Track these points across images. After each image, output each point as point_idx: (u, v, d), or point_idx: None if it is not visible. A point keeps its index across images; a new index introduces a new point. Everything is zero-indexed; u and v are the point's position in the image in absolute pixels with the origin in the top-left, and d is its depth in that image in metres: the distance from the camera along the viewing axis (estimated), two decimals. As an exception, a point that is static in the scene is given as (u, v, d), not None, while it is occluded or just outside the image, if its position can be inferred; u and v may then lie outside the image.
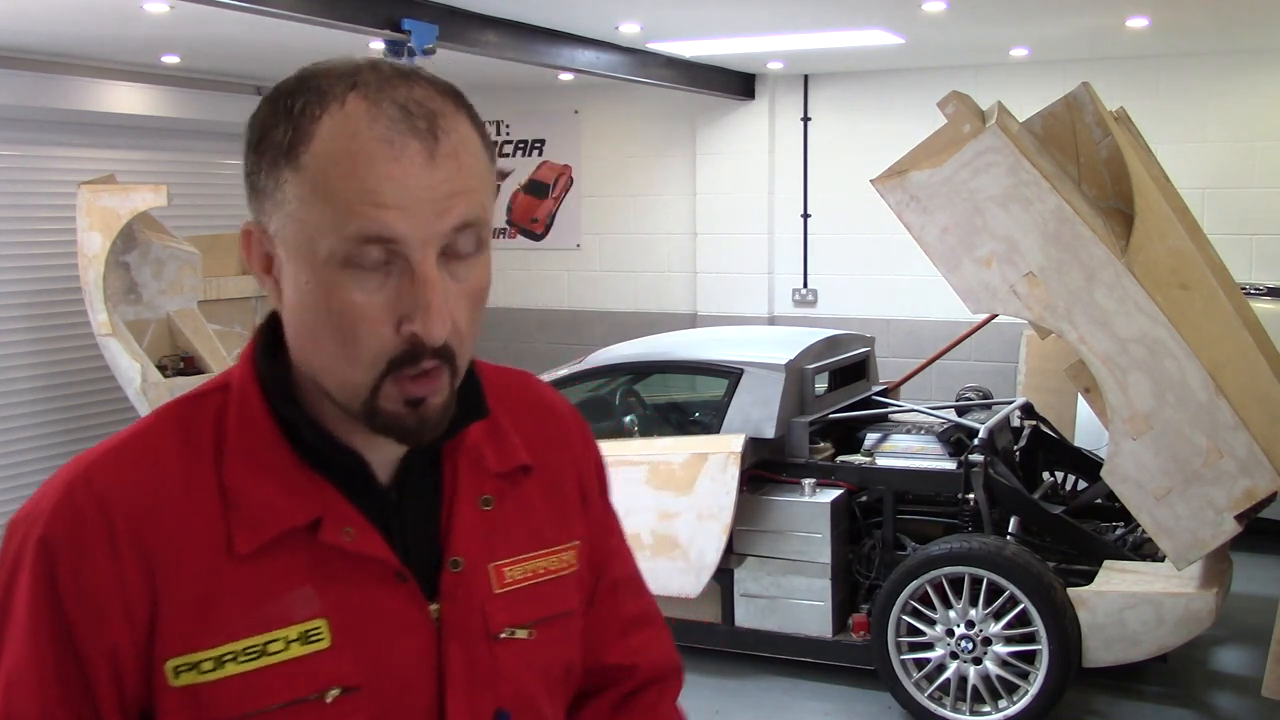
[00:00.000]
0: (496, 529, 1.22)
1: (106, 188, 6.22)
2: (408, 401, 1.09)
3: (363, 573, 1.13)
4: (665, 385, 6.03)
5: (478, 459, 1.22)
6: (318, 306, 1.07)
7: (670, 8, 5.92)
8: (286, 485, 1.12)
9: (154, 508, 1.09)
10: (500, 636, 1.20)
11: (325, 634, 1.11)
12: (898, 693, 4.69)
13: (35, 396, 7.02)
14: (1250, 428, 4.13)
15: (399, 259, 1.05)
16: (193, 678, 1.08)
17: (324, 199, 1.04)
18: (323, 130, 1.05)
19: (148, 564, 1.08)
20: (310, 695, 1.10)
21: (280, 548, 1.11)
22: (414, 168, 1.04)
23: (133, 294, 6.48)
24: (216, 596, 1.09)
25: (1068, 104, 4.76)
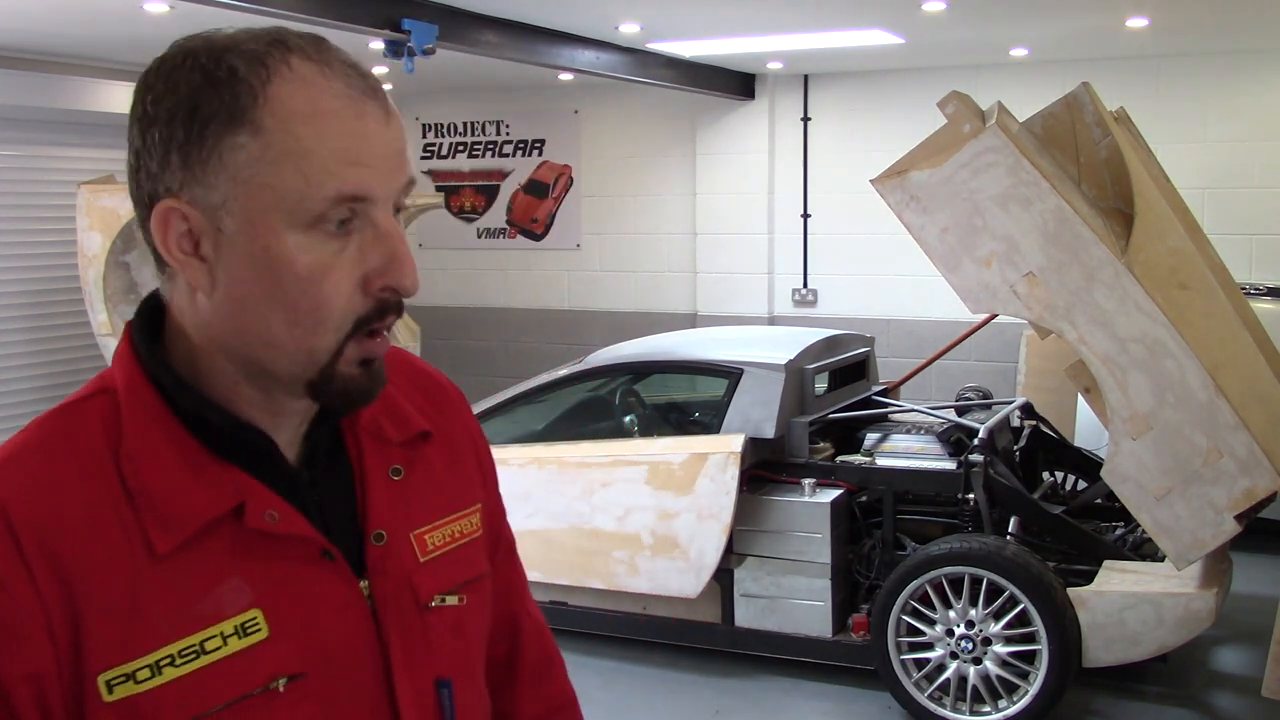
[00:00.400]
0: (410, 498, 1.21)
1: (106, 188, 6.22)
2: (362, 362, 1.09)
3: (290, 556, 1.10)
4: (665, 385, 6.03)
5: (377, 431, 1.21)
6: (279, 274, 1.04)
7: (670, 8, 5.92)
8: (199, 476, 1.07)
9: (60, 518, 1.02)
10: (431, 605, 1.19)
11: (262, 624, 1.07)
12: (898, 693, 4.69)
13: (35, 396, 7.02)
14: (1250, 428, 4.13)
15: (359, 218, 1.05)
16: (129, 689, 1.02)
17: (295, 159, 1.02)
18: (278, 92, 1.02)
19: (63, 577, 1.01)
20: (257, 689, 1.06)
21: (201, 542, 1.06)
22: (375, 126, 1.05)
23: (133, 294, 6.48)
24: (142, 601, 1.03)
25: (1068, 104, 4.76)
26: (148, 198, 1.06)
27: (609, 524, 5.06)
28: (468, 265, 9.78)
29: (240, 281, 1.05)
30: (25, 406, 6.95)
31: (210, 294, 1.07)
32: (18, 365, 6.91)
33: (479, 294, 9.77)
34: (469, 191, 9.75)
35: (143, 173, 1.06)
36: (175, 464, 1.07)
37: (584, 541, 5.08)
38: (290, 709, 1.08)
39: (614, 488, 5.06)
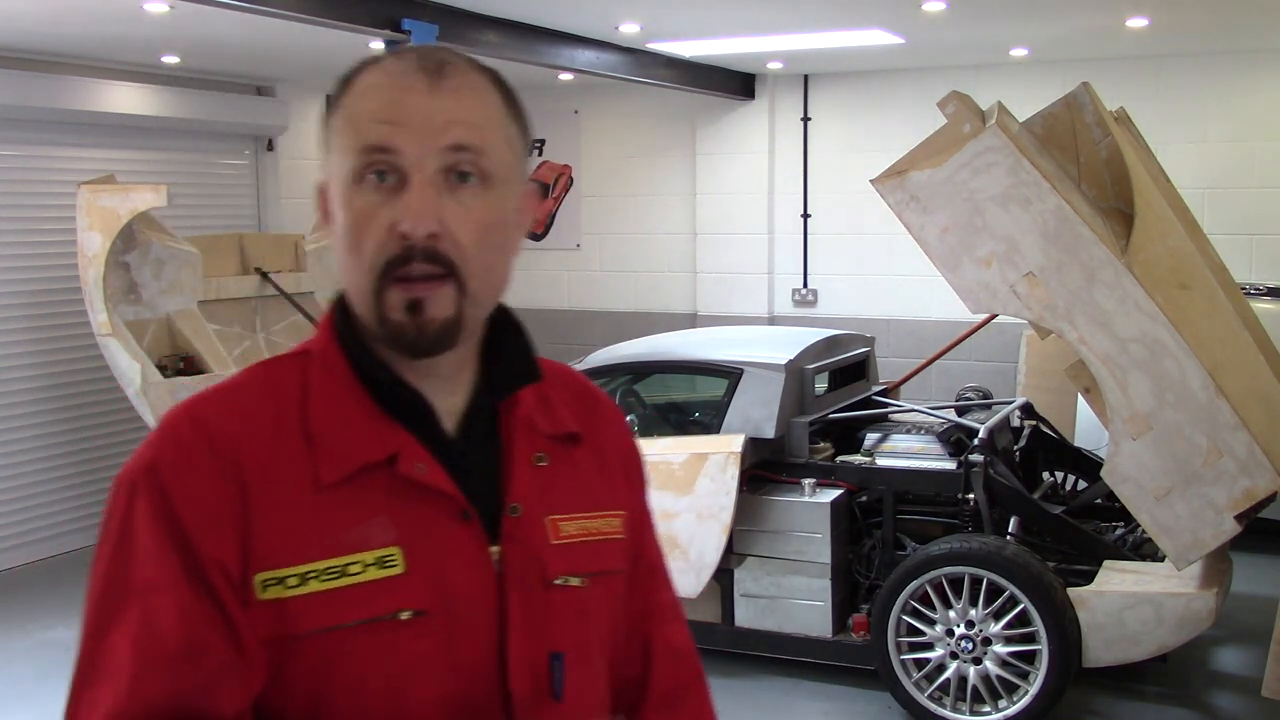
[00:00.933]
0: (551, 485, 1.33)
1: (106, 188, 6.22)
2: (408, 306, 1.21)
3: (433, 508, 1.24)
4: (665, 385, 6.03)
5: (530, 422, 1.34)
6: (343, 223, 1.23)
7: (670, 8, 5.92)
8: (366, 426, 1.25)
9: (249, 440, 1.22)
10: (555, 583, 1.30)
11: (399, 560, 1.21)
12: (898, 693, 4.69)
13: (35, 396, 7.02)
14: (1250, 428, 4.13)
15: (404, 178, 1.21)
16: (278, 591, 1.18)
17: (348, 124, 1.23)
18: (360, 80, 1.25)
19: (242, 487, 1.19)
20: (385, 615, 1.20)
21: (359, 481, 1.22)
22: (415, 95, 1.22)
23: (133, 294, 6.47)
24: (302, 521, 1.20)
25: (1068, 104, 4.76)
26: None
27: (609, 524, 5.06)
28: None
29: (337, 234, 1.26)
30: (25, 406, 6.95)
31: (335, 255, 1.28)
32: (18, 365, 6.91)
33: (479, 294, 9.75)
34: (469, 191, 9.74)
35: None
36: (348, 413, 1.25)
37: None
38: (412, 640, 1.21)
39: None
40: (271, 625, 1.18)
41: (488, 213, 1.24)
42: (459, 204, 1.22)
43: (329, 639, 1.19)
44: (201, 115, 7.68)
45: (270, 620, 1.18)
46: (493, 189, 1.24)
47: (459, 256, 1.22)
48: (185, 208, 7.31)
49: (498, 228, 1.26)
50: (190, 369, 6.42)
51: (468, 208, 1.22)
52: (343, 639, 1.19)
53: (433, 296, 1.21)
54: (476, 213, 1.23)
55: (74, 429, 7.17)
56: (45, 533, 7.03)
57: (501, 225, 1.26)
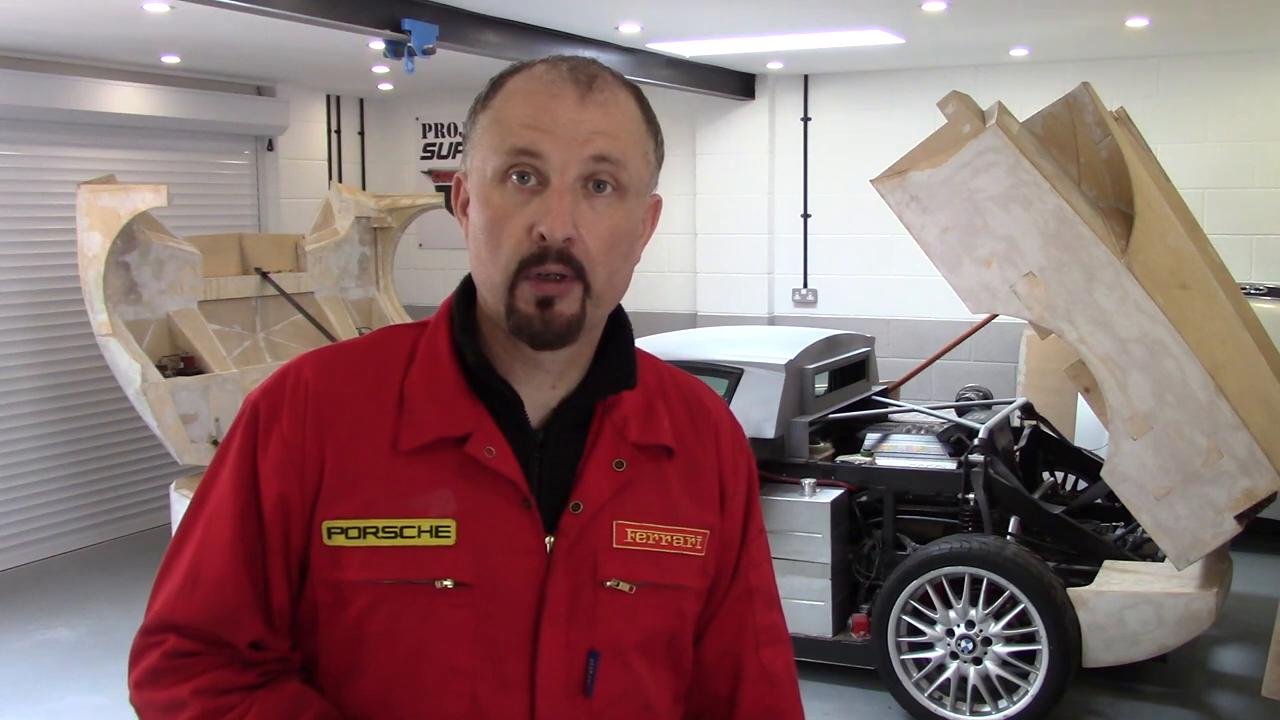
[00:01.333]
0: (626, 491, 1.37)
1: (106, 188, 6.21)
2: (538, 302, 1.29)
3: (496, 490, 1.31)
4: (665, 385, 6.02)
5: (622, 428, 1.38)
6: (482, 219, 1.31)
7: (670, 8, 5.92)
8: (449, 402, 1.33)
9: (341, 399, 1.33)
10: (606, 584, 1.34)
11: (453, 533, 1.29)
12: (898, 693, 4.69)
13: (35, 396, 7.01)
14: (1250, 428, 4.13)
15: (545, 182, 1.28)
16: (340, 540, 1.30)
17: (496, 125, 1.30)
18: (510, 83, 1.33)
19: (323, 441, 1.31)
20: (425, 580, 1.29)
21: (434, 452, 1.31)
22: (565, 104, 1.29)
23: (133, 294, 6.47)
24: (372, 480, 1.30)
25: (1068, 104, 4.76)
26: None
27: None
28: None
29: (475, 228, 1.33)
30: (25, 406, 6.95)
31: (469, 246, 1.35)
32: (18, 365, 6.90)
33: (479, 294, 9.76)
34: (469, 191, 9.74)
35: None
36: (440, 388, 1.34)
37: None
38: (448, 608, 1.29)
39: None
40: (329, 569, 1.30)
41: (619, 222, 1.32)
42: (593, 211, 1.30)
43: (371, 591, 1.29)
44: (201, 115, 7.68)
45: (329, 564, 1.30)
46: (625, 200, 1.32)
47: (588, 260, 1.29)
48: (185, 208, 7.31)
49: (625, 236, 1.34)
50: (190, 369, 6.42)
51: (601, 215, 1.30)
52: (383, 594, 1.29)
53: (561, 295, 1.29)
54: (608, 221, 1.31)
55: (74, 429, 7.16)
56: (45, 533, 7.03)
57: (629, 234, 1.35)
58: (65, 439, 7.13)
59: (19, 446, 6.93)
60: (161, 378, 6.11)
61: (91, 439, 7.22)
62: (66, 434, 7.13)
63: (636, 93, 1.36)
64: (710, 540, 1.43)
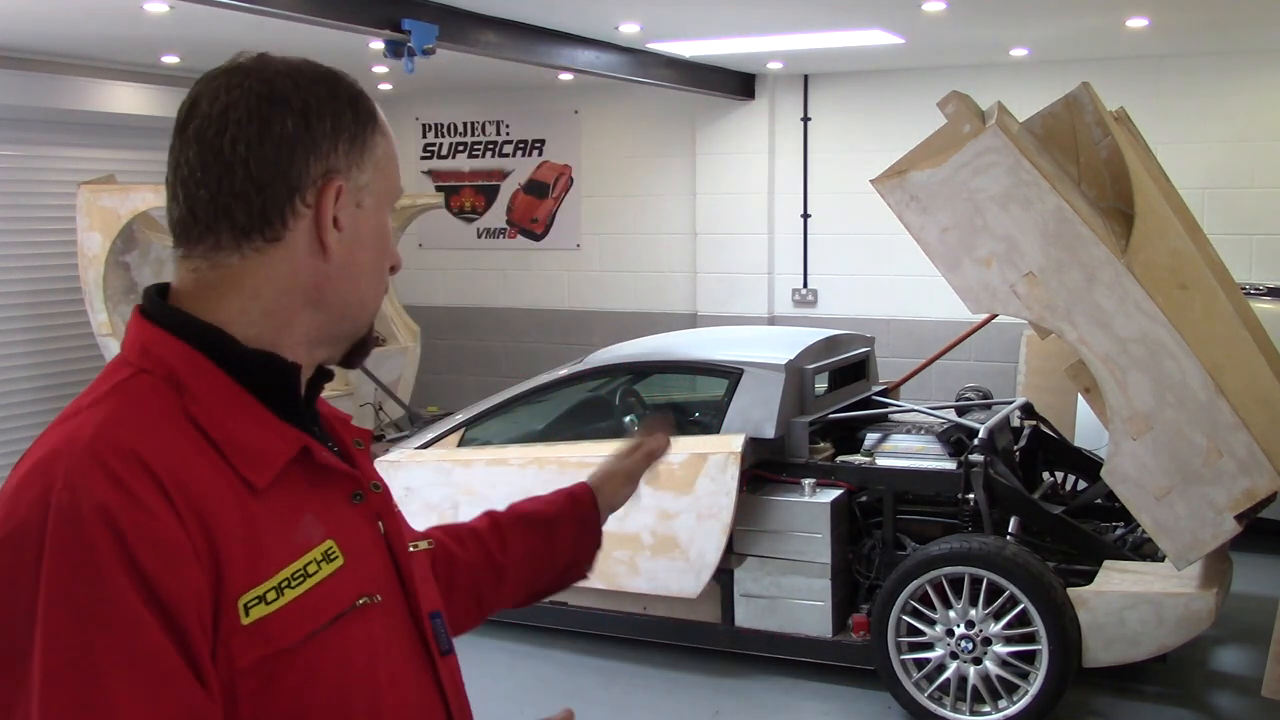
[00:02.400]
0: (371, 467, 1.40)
1: (106, 188, 6.22)
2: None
3: (336, 495, 1.28)
4: (665, 385, 6.03)
5: (332, 413, 1.41)
6: (381, 244, 1.32)
7: (670, 8, 5.92)
8: (269, 426, 1.23)
9: (183, 460, 1.14)
10: (411, 549, 1.38)
11: (338, 552, 1.23)
12: (898, 693, 4.69)
13: (35, 396, 7.02)
14: (1250, 428, 4.13)
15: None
16: (261, 610, 1.14)
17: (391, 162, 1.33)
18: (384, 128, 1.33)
19: (196, 508, 1.12)
20: (347, 608, 1.22)
21: (283, 480, 1.21)
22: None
23: (133, 294, 6.48)
24: (257, 531, 1.16)
25: (1068, 104, 4.76)
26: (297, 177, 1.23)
27: (609, 524, 5.04)
28: (468, 265, 9.78)
29: (365, 248, 1.29)
30: (25, 406, 6.95)
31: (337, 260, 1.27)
32: (18, 365, 6.91)
33: (479, 294, 9.77)
34: (469, 191, 9.75)
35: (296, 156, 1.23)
36: (249, 417, 1.22)
37: (584, 541, 5.07)
38: (369, 626, 1.24)
39: (614, 488, 5.05)
40: (259, 647, 1.13)
41: None
42: None
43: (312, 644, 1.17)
44: (201, 115, 7.68)
45: (258, 643, 1.13)
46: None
47: None
48: (185, 208, 7.31)
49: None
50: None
51: None
52: (323, 640, 1.19)
53: None
54: None
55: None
56: (45, 533, 7.02)
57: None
58: (65, 439, 7.12)
59: (19, 447, 6.93)
60: (161, 378, 6.11)
61: (91, 439, 7.22)
62: (66, 434, 7.13)
63: None
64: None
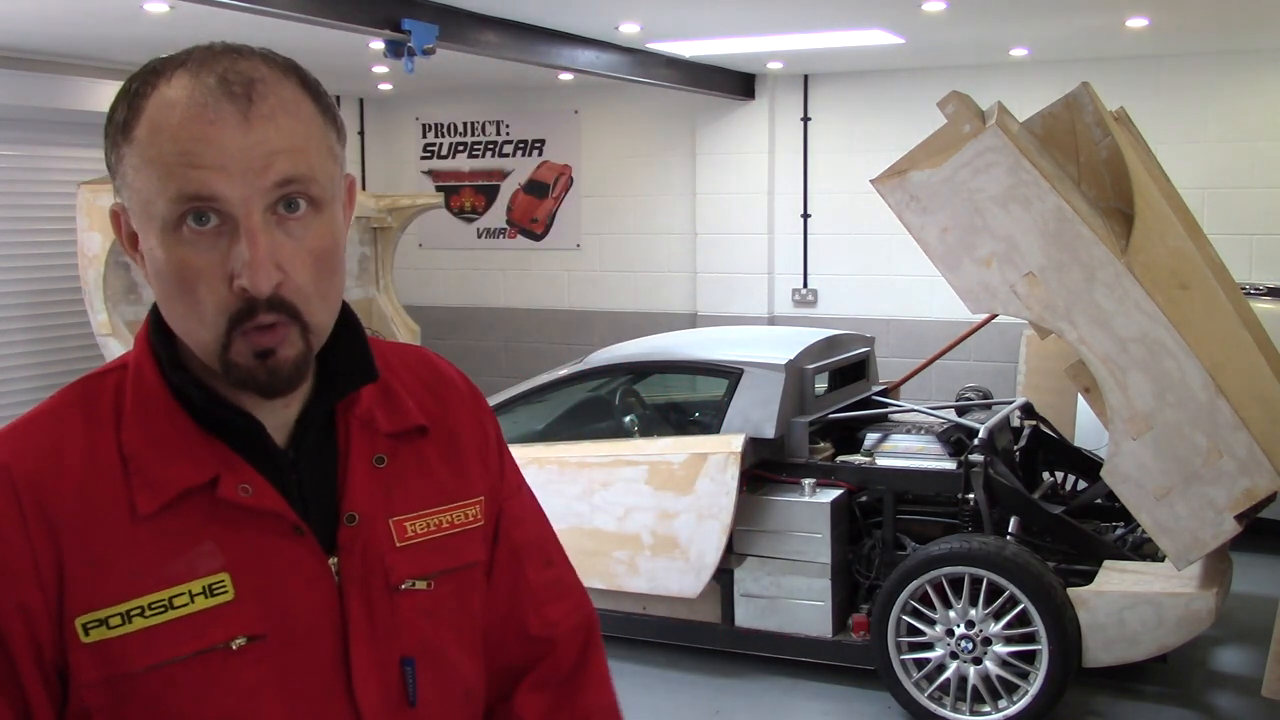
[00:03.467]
0: (392, 485, 1.28)
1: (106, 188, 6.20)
2: (256, 354, 1.15)
3: (262, 528, 1.19)
4: (665, 385, 6.03)
5: (369, 421, 1.29)
6: (163, 271, 1.14)
7: (670, 8, 5.92)
8: (183, 448, 1.17)
9: (55, 476, 1.14)
10: (401, 588, 1.26)
11: (229, 587, 1.16)
12: (898, 693, 4.69)
13: (35, 397, 7.02)
14: (1250, 428, 4.13)
15: (228, 220, 1.11)
16: (102, 633, 1.12)
17: (151, 165, 1.11)
18: (150, 105, 1.12)
19: (51, 528, 1.12)
20: (217, 645, 1.15)
21: (180, 507, 1.16)
22: (228, 129, 1.10)
23: (133, 294, 6.48)
24: (120, 556, 1.13)
25: (1068, 104, 4.76)
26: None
27: (609, 524, 5.06)
28: (468, 265, 9.78)
29: (150, 276, 1.17)
30: (25, 406, 6.95)
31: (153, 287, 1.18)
32: (18, 365, 6.91)
33: (479, 294, 9.77)
34: (469, 191, 9.75)
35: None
36: (164, 435, 1.17)
37: (584, 541, 5.08)
38: (247, 667, 1.16)
39: (614, 488, 5.06)
40: (100, 668, 1.12)
41: (321, 240, 1.17)
42: (291, 238, 1.14)
43: (160, 674, 1.13)
44: (201, 115, 7.68)
45: (98, 663, 1.12)
46: (323, 212, 1.17)
47: (301, 299, 1.15)
48: (185, 208, 7.31)
49: (332, 252, 1.18)
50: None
51: (300, 240, 1.15)
52: (174, 673, 1.14)
53: (280, 342, 1.15)
54: (309, 243, 1.16)
55: (74, 429, 7.17)
56: (45, 533, 7.03)
57: (335, 248, 1.19)
58: (65, 439, 7.13)
59: (19, 446, 6.93)
60: (161, 378, 6.11)
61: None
62: (66, 434, 7.13)
63: (299, 75, 1.18)
64: (486, 506, 1.36)
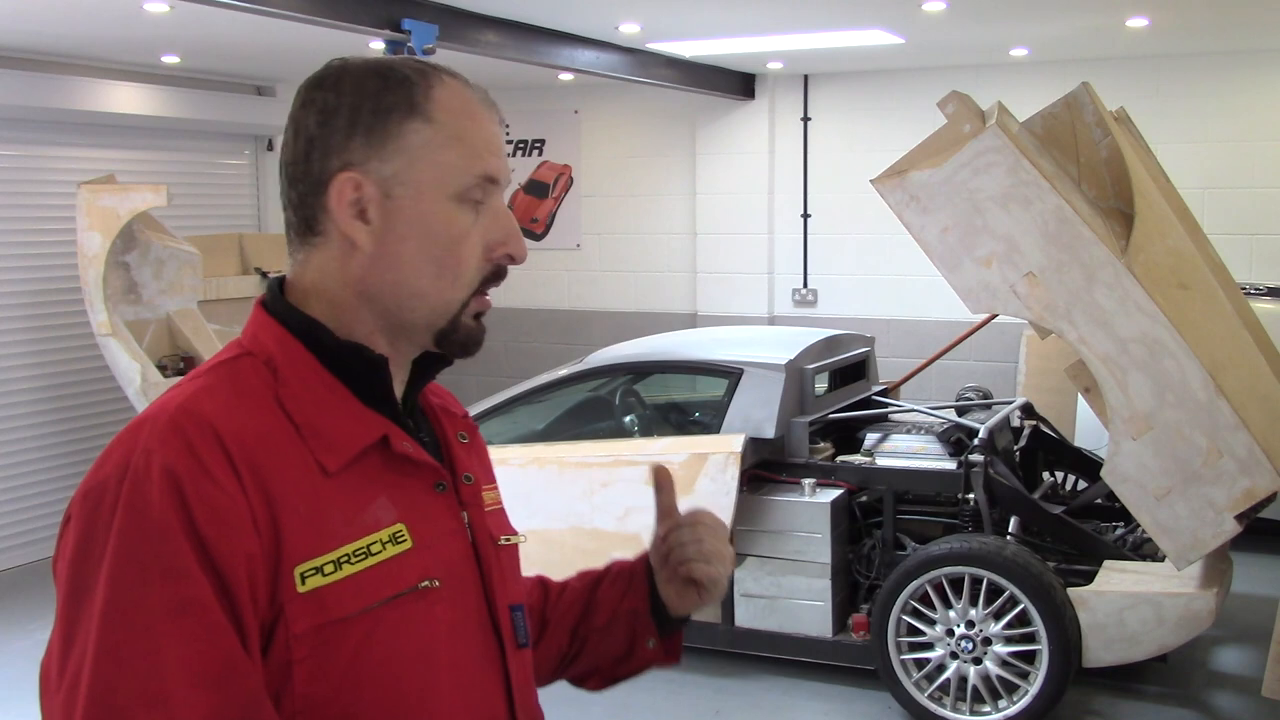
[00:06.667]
0: (473, 459, 1.45)
1: (106, 188, 6.22)
2: (477, 315, 1.35)
3: (418, 483, 1.33)
4: (665, 385, 6.03)
5: (444, 408, 1.47)
6: (436, 235, 1.30)
7: (670, 8, 5.92)
8: (352, 413, 1.30)
9: (256, 434, 1.23)
10: (500, 542, 1.42)
11: (407, 536, 1.29)
12: (898, 693, 4.69)
13: (35, 396, 7.02)
14: (1250, 428, 4.13)
15: (488, 199, 1.33)
16: (317, 581, 1.22)
17: (458, 143, 1.30)
18: (441, 95, 1.30)
19: (262, 482, 1.21)
20: (410, 588, 1.27)
21: (358, 465, 1.28)
22: (497, 130, 1.35)
23: (133, 294, 6.48)
24: (323, 509, 1.24)
25: (1068, 104, 4.76)
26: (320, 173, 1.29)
27: (609, 524, 5.06)
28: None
29: (403, 240, 1.29)
30: (25, 406, 6.95)
31: (370, 252, 1.30)
32: (18, 365, 6.91)
33: (479, 294, 9.75)
34: (469, 191, 9.75)
35: (316, 154, 1.30)
36: (329, 402, 1.30)
37: (584, 541, 5.08)
38: (433, 607, 1.30)
39: (614, 488, 5.06)
40: (314, 615, 1.22)
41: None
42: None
43: (370, 618, 1.25)
44: (201, 115, 7.68)
45: (313, 610, 1.21)
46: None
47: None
48: (185, 208, 7.32)
49: None
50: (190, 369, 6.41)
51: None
52: (379, 616, 1.25)
53: (489, 306, 1.38)
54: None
55: (74, 429, 7.16)
56: (45, 533, 7.03)
57: None
58: (65, 439, 7.13)
59: (19, 446, 6.93)
60: (161, 378, 6.12)
61: (91, 439, 7.22)
62: (66, 434, 7.13)
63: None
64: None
